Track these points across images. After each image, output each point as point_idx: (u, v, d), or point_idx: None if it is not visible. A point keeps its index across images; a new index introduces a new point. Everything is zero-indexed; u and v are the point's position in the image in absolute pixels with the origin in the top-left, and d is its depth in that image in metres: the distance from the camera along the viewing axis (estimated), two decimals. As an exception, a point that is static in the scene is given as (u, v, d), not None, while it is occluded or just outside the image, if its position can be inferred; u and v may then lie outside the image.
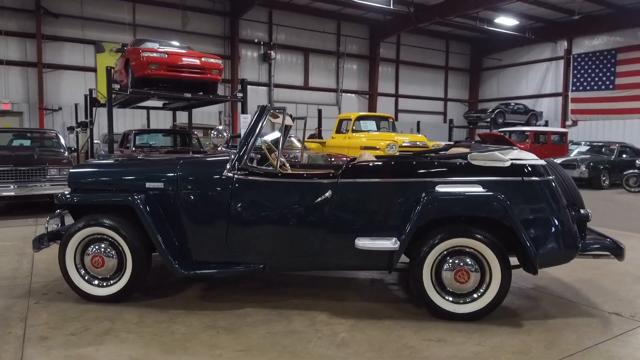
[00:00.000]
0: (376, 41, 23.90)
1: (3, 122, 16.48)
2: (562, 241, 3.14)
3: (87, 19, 17.70)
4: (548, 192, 3.15)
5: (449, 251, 3.14)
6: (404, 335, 2.94)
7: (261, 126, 3.44)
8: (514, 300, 3.61)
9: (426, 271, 3.14)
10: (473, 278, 3.11)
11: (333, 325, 3.08)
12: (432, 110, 27.00)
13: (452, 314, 3.14)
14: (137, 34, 18.40)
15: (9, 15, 16.49)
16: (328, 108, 22.42)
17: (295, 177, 3.33)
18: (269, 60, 21.40)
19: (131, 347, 2.73)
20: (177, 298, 3.56)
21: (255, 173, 3.34)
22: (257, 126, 3.42)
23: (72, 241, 3.39)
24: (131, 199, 3.29)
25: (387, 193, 3.21)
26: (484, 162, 3.17)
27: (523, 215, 3.11)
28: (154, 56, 8.18)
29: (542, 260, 3.12)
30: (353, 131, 11.93)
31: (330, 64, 23.42)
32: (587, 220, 3.30)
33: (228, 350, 2.70)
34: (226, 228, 3.33)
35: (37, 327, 2.98)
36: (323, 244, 3.24)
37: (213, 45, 20.33)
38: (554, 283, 4.07)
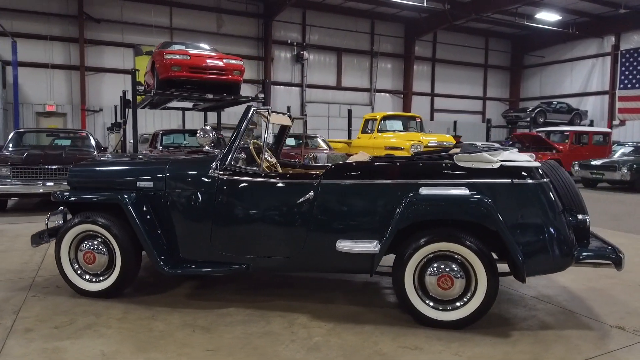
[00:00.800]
0: (411, 39, 23.55)
1: (49, 122, 17.41)
2: (554, 248, 2.95)
3: (126, 23, 18.42)
4: (540, 195, 2.97)
5: (433, 256, 3.02)
6: (380, 341, 2.85)
7: (245, 126, 3.44)
8: (510, 309, 3.44)
9: (408, 275, 3.04)
10: (457, 284, 2.98)
11: (311, 329, 3.03)
12: (469, 109, 26.34)
13: (435, 321, 3.02)
14: (173, 37, 18.97)
15: (54, 21, 17.40)
16: (361, 108, 22.35)
17: (278, 177, 3.30)
18: (301, 61, 21.52)
19: (106, 342, 2.79)
20: (166, 295, 3.61)
21: (239, 173, 3.34)
22: (241, 126, 3.42)
23: (66, 237, 3.51)
24: (119, 198, 3.37)
25: (369, 195, 3.13)
26: (471, 163, 3.03)
27: (512, 220, 2.95)
28: (176, 58, 8.39)
29: (531, 268, 2.95)
30: (379, 131, 11.79)
31: (364, 64, 23.28)
32: (584, 226, 3.09)
33: (197, 350, 2.71)
34: (211, 227, 3.35)
35: (27, 319, 3.11)
36: (305, 246, 3.20)
37: (247, 47, 20.69)
38: (560, 292, 3.84)
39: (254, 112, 3.47)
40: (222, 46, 19.99)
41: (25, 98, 17.33)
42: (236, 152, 3.46)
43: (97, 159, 4.10)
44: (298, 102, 21.97)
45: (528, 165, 3.01)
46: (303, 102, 21.93)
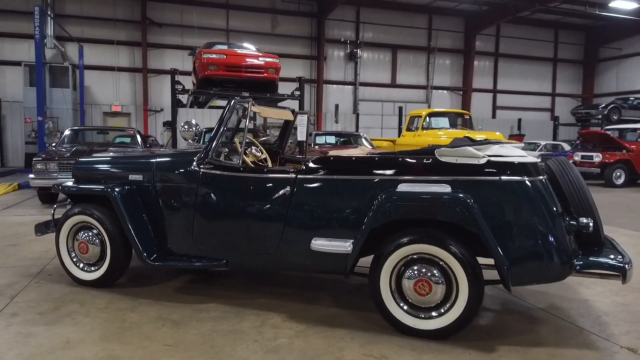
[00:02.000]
0: (471, 34, 22.54)
1: (114, 122, 18.58)
2: (548, 255, 2.60)
3: (186, 26, 19.20)
4: (532, 195, 2.64)
5: (412, 258, 2.79)
6: (346, 347, 2.68)
7: (227, 120, 3.38)
8: (510, 320, 3.11)
9: (384, 279, 2.83)
10: (437, 291, 2.72)
11: (280, 329, 2.91)
12: (536, 106, 24.76)
13: (412, 329, 2.78)
14: (230, 39, 19.52)
15: (120, 27, 18.54)
16: (417, 106, 21.74)
17: (257, 172, 3.21)
18: (355, 59, 21.32)
19: (77, 330, 2.85)
20: (156, 288, 3.65)
21: (219, 167, 3.30)
22: (223, 120, 3.37)
23: (64, 227, 3.65)
24: (108, 190, 3.45)
25: (345, 191, 2.96)
26: (455, 158, 2.76)
27: (498, 221, 2.65)
28: (213, 57, 8.58)
29: (519, 276, 2.63)
30: (424, 128, 11.35)
31: (420, 60, 22.61)
32: (587, 231, 2.70)
33: (157, 344, 2.69)
34: (193, 221, 3.34)
35: (18, 304, 3.26)
36: (281, 243, 3.09)
37: (300, 47, 20.83)
38: (576, 305, 3.42)
39: (235, 104, 3.40)
40: (277, 46, 20.30)
41: (94, 99, 18.62)
42: (220, 146, 3.42)
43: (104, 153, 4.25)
44: (351, 100, 21.78)
45: (519, 161, 2.69)
46: (356, 101, 21.71)
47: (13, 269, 4.10)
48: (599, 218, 2.89)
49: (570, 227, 2.69)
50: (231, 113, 3.39)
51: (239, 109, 3.43)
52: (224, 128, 3.36)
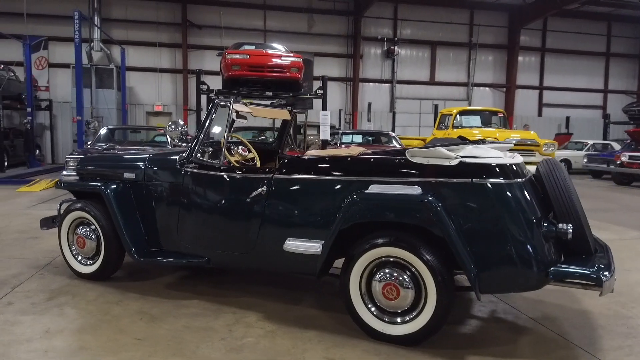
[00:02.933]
0: (516, 29, 21.64)
1: (156, 121, 19.30)
2: (522, 262, 2.46)
3: (225, 28, 19.62)
4: (505, 198, 2.50)
5: (384, 261, 2.72)
6: (310, 349, 2.65)
7: (211, 120, 3.43)
8: (493, 330, 2.97)
9: (354, 281, 2.77)
10: (406, 295, 2.64)
11: (252, 329, 2.92)
12: (586, 103, 23.45)
13: (380, 334, 2.72)
14: (267, 39, 19.77)
15: (162, 29, 19.21)
16: (457, 104, 21.14)
17: (235, 171, 3.24)
18: (392, 57, 21.00)
19: (60, 320, 2.98)
20: (150, 283, 3.76)
21: (202, 166, 3.35)
22: (207, 120, 3.42)
23: (65, 221, 3.84)
24: (101, 187, 3.58)
25: (318, 191, 2.92)
26: (426, 159, 2.66)
27: (468, 226, 2.53)
28: (236, 58, 8.72)
29: (489, 284, 2.51)
30: (454, 127, 11.03)
31: (461, 57, 21.95)
32: (566, 237, 2.52)
33: (128, 337, 2.77)
34: (177, 218, 3.42)
35: (16, 294, 3.46)
36: (257, 243, 3.10)
37: (337, 45, 20.78)
38: (571, 315, 3.22)
39: (217, 104, 3.44)
40: (313, 45, 20.39)
41: (137, 99, 19.42)
42: (207, 146, 3.48)
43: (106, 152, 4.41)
44: (388, 98, 21.49)
45: (493, 163, 2.56)
46: (393, 99, 21.40)
47: (26, 260, 4.35)
48: (586, 224, 2.70)
49: (548, 233, 2.52)
50: (214, 113, 3.44)
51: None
52: (207, 128, 3.41)
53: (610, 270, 2.42)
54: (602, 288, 2.33)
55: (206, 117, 3.44)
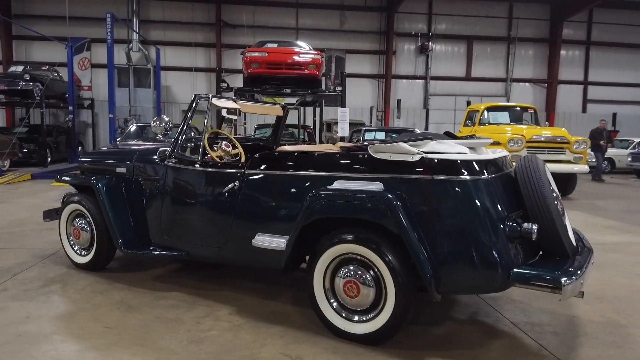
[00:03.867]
0: (558, 21, 20.71)
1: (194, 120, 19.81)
2: (482, 263, 2.35)
3: (257, 27, 19.90)
4: (466, 195, 2.40)
5: (347, 258, 2.68)
6: (269, 344, 2.65)
7: (191, 115, 3.48)
8: (466, 333, 2.86)
9: (317, 278, 2.75)
10: (365, 293, 2.59)
11: (220, 322, 2.95)
12: (636, 99, 22.11)
13: (342, 331, 2.68)
14: (299, 37, 19.89)
15: (197, 29, 19.71)
16: (494, 100, 20.48)
17: (210, 166, 3.28)
18: (426, 52, 20.61)
19: (43, 307, 3.13)
20: (140, 274, 3.87)
21: (182, 161, 3.41)
22: (187, 115, 3.47)
23: (63, 213, 4.02)
24: (92, 181, 3.72)
25: (286, 187, 2.91)
26: (388, 155, 2.59)
27: (427, 224, 2.44)
28: (255, 55, 8.82)
29: (447, 284, 2.41)
30: (481, 124, 10.68)
31: (499, 51, 21.25)
32: (530, 237, 2.39)
33: (99, 325, 2.86)
34: (160, 212, 3.50)
35: (14, 281, 3.66)
36: (230, 237, 3.12)
37: (369, 42, 20.63)
38: (557, 321, 3.05)
39: (196, 100, 3.49)
40: (345, 42, 20.32)
41: (174, 98, 20.03)
42: (190, 141, 3.54)
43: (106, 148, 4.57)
44: (421, 95, 21.11)
45: (456, 159, 2.46)
46: (426, 95, 20.99)
47: (34, 250, 4.59)
48: (561, 226, 2.54)
49: (512, 233, 2.40)
50: (195, 109, 3.49)
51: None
52: (188, 123, 3.47)
53: (576, 274, 2.27)
54: (562, 292, 2.19)
55: (187, 111, 3.50)
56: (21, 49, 19.27)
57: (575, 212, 7.48)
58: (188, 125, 3.50)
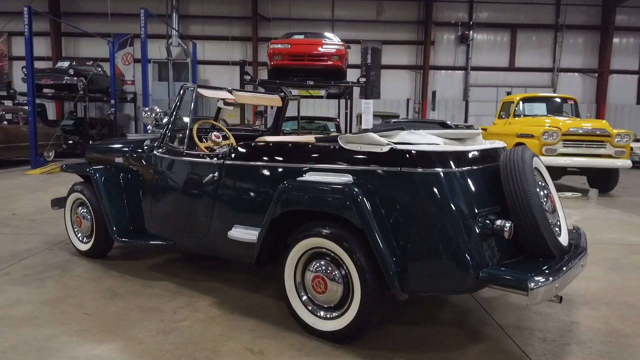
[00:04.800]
0: (611, 7, 19.43)
1: (228, 112, 20.16)
2: (449, 261, 2.20)
3: (293, 19, 19.90)
4: (435, 189, 2.24)
5: (321, 252, 2.59)
6: (236, 337, 2.61)
7: (179, 105, 3.47)
8: (447, 335, 2.70)
9: (288, 272, 2.68)
10: (332, 289, 2.49)
11: (196, 313, 2.94)
12: (700, 89, 20.42)
13: (311, 328, 2.60)
14: (335, 29, 19.75)
15: (235, 23, 19.96)
16: (540, 90, 19.54)
17: (193, 156, 3.26)
18: (466, 42, 19.90)
19: (35, 292, 3.23)
20: (137, 263, 3.93)
21: (169, 151, 3.42)
22: (176, 105, 3.47)
23: (68, 201, 4.15)
24: (89, 170, 3.81)
25: (260, 178, 2.85)
26: (359, 145, 2.47)
27: (394, 219, 2.31)
28: (278, 47, 8.79)
29: (414, 283, 2.27)
30: (516, 115, 10.17)
31: (545, 39, 20.21)
32: (502, 234, 2.20)
33: (79, 312, 2.92)
34: (150, 202, 3.54)
35: (18, 266, 3.81)
36: (210, 228, 3.11)
37: (407, 32, 20.17)
38: (551, 326, 2.83)
39: (183, 90, 3.48)
40: (381, 33, 19.97)
41: (212, 91, 20.40)
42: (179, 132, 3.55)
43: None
44: (460, 86, 20.43)
45: (423, 150, 2.30)
46: (466, 87, 20.30)
47: (47, 237, 4.78)
48: (545, 224, 2.33)
49: (484, 230, 2.23)
50: (182, 99, 3.49)
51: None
52: (176, 113, 3.47)
53: (548, 277, 2.07)
54: (528, 296, 2.00)
55: (176, 102, 3.51)
56: (69, 46, 20.25)
57: (611, 210, 7.00)
58: (177, 117, 3.50)
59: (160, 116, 3.65)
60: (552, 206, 2.56)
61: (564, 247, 2.46)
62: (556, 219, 2.61)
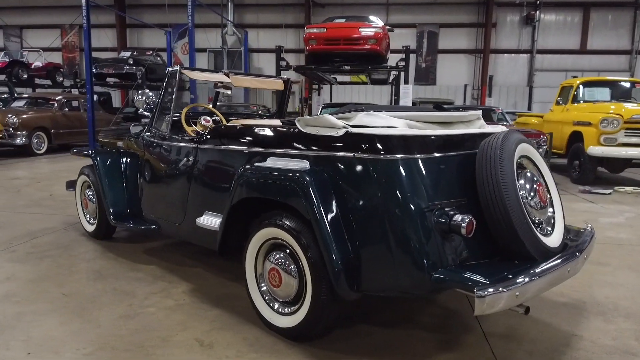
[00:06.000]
0: None
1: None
2: (402, 259, 1.95)
3: (346, 4, 19.53)
4: (387, 179, 1.99)
5: (277, 243, 2.43)
6: (192, 328, 2.52)
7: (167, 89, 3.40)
8: (419, 340, 2.45)
9: (249, 263, 2.54)
10: (287, 283, 2.33)
11: (166, 299, 2.89)
12: None
13: (269, 323, 2.45)
14: (389, 12, 19.18)
15: (288, 11, 19.94)
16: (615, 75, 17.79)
17: (172, 140, 3.19)
18: (532, 23, 18.51)
19: (28, 269, 3.34)
20: (135, 246, 3.97)
21: (155, 135, 3.39)
22: (166, 90, 3.41)
23: (77, 184, 4.28)
24: (91, 154, 3.88)
25: (228, 163, 2.72)
26: (317, 129, 2.26)
27: (347, 210, 2.09)
28: (314, 32, 8.58)
29: (366, 282, 2.05)
30: (575, 101, 9.27)
31: (623, 19, 18.34)
32: (458, 231, 1.90)
33: (58, 291, 2.96)
34: (141, 185, 3.54)
35: (27, 244, 3.99)
36: (186, 214, 3.04)
37: (465, 14, 19.17)
38: (548, 337, 2.48)
39: (169, 73, 3.40)
40: (439, 16, 19.11)
41: (265, 79, 20.62)
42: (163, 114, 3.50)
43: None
44: (525, 71, 19.10)
45: (379, 134, 2.05)
46: (531, 71, 18.93)
47: (69, 217, 4.98)
48: (521, 223, 2.01)
49: (439, 226, 1.94)
50: (169, 82, 3.42)
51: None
52: (162, 97, 3.42)
53: (506, 285, 1.75)
54: (475, 302, 1.71)
55: (164, 85, 3.45)
56: (133, 37, 21.27)
57: (674, 208, 6.18)
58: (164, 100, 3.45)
59: (152, 100, 3.63)
60: (540, 202, 2.21)
61: (549, 248, 2.12)
62: (546, 216, 2.26)
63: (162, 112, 3.45)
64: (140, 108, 3.65)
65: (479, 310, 1.69)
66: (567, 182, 8.39)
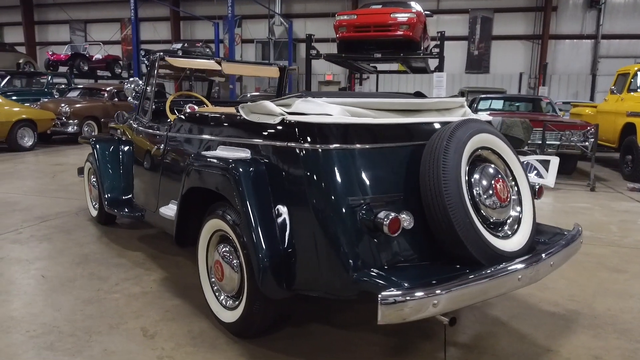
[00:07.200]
0: None
1: (327, 89, 20.19)
2: (324, 258, 1.80)
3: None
4: (315, 169, 1.85)
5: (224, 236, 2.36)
6: (145, 316, 2.51)
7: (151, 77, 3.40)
8: (369, 343, 2.29)
9: (201, 253, 2.49)
10: (229, 276, 2.25)
11: (134, 287, 2.91)
12: None
13: (216, 317, 2.39)
14: None
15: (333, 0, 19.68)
16: (695, 62, 16.06)
17: (148, 127, 3.19)
18: (597, 6, 17.07)
19: (24, 251, 3.50)
20: (132, 232, 4.05)
21: (139, 122, 3.41)
22: (149, 78, 3.42)
23: (84, 170, 4.44)
24: (91, 141, 3.99)
25: (187, 151, 2.68)
26: (258, 116, 2.15)
27: (280, 203, 1.97)
28: (344, 19, 8.37)
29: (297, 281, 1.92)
30: (631, 90, 8.43)
31: None
32: (381, 229, 1.71)
33: (39, 273, 3.08)
34: (130, 172, 3.60)
35: (34, 227, 4.18)
36: (158, 202, 3.04)
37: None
38: (517, 355, 2.24)
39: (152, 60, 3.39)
40: (494, 0, 18.09)
41: (313, 69, 20.55)
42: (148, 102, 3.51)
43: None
44: (588, 58, 17.68)
45: (309, 122, 1.90)
46: (595, 59, 17.50)
47: (83, 202, 5.18)
48: (461, 221, 1.79)
49: (364, 223, 1.77)
50: (153, 69, 3.42)
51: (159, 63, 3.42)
52: (146, 85, 3.43)
53: (414, 292, 1.55)
54: (378, 308, 1.52)
55: (147, 72, 3.46)
56: (187, 29, 21.95)
57: None
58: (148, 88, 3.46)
59: (140, 88, 3.66)
60: (499, 200, 1.97)
61: (502, 252, 1.88)
62: (506, 215, 2.01)
63: (146, 100, 3.46)
64: (129, 96, 3.70)
65: (383, 317, 1.52)
66: (618, 179, 7.67)
